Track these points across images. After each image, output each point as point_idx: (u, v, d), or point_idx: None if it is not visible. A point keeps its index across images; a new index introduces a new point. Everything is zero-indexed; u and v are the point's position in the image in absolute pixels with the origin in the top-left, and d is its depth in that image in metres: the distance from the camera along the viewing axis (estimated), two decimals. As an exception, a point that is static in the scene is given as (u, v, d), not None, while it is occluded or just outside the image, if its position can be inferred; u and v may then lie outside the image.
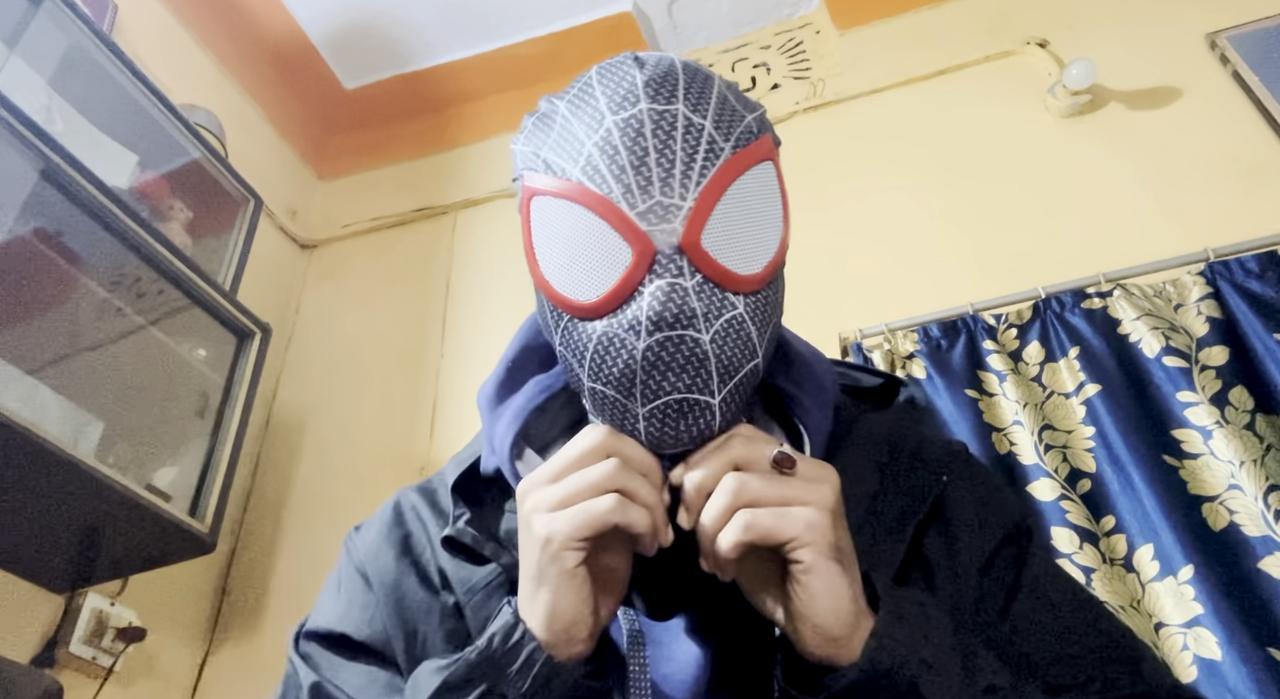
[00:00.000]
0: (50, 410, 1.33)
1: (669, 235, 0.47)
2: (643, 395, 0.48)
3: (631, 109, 0.49)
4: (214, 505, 1.51)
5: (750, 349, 0.49)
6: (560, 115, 0.52)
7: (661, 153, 0.48)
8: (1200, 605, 1.19)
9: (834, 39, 2.26)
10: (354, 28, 2.37)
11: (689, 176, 0.48)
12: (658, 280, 0.47)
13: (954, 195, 1.83)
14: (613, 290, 0.48)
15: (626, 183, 0.48)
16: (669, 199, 0.47)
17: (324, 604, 0.65)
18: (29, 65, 1.49)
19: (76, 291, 1.43)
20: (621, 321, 0.48)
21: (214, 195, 1.88)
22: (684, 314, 0.47)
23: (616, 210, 0.47)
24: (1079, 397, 1.44)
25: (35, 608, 1.43)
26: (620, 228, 0.47)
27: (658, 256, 0.47)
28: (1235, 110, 1.72)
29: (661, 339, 0.47)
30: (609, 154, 0.48)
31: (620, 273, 0.48)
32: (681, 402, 0.48)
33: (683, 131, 0.48)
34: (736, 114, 0.51)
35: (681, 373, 0.47)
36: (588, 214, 0.48)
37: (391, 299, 2.23)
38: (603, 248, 0.48)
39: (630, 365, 0.47)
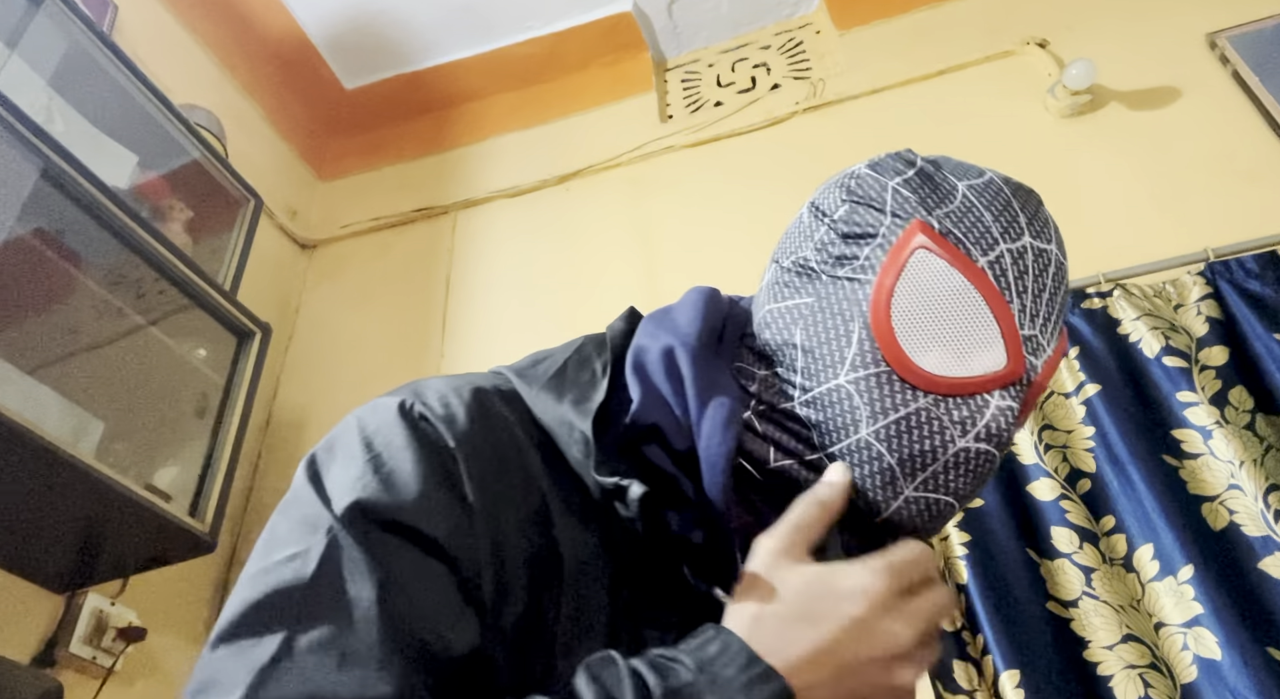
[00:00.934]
0: (50, 410, 1.33)
1: (1033, 370, 0.51)
2: (924, 483, 0.49)
3: (1048, 244, 0.54)
4: (214, 505, 1.51)
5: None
6: (962, 195, 0.54)
7: (1052, 297, 0.52)
8: (1200, 605, 1.19)
9: (834, 39, 2.26)
10: (354, 28, 2.37)
11: (1055, 325, 0.53)
12: (1009, 400, 0.49)
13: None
14: (967, 380, 0.49)
15: (1025, 305, 0.51)
16: (1043, 339, 0.51)
17: (384, 477, 0.48)
18: (29, 65, 1.49)
19: (76, 291, 1.43)
20: (953, 412, 0.49)
21: (214, 195, 1.88)
22: (1007, 438, 0.49)
23: (1010, 321, 0.50)
24: (1079, 396, 1.44)
25: (35, 608, 1.43)
26: (1007, 336, 0.50)
27: (1019, 380, 0.50)
28: (1235, 110, 1.72)
29: (983, 450, 0.49)
30: (1019, 269, 0.51)
31: (985, 372, 0.49)
32: (950, 505, 0.50)
33: (1065, 288, 0.54)
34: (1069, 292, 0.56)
35: (974, 485, 0.50)
36: (982, 303, 0.50)
37: (391, 299, 2.23)
38: (977, 341, 0.50)
39: (937, 453, 0.48)
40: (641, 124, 2.30)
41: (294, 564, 0.47)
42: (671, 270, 1.99)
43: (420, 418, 0.51)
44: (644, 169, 2.21)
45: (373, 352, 2.15)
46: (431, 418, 0.51)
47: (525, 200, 2.28)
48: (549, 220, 2.22)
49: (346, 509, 0.48)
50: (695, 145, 2.19)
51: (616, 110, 2.37)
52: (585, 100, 2.42)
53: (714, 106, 2.29)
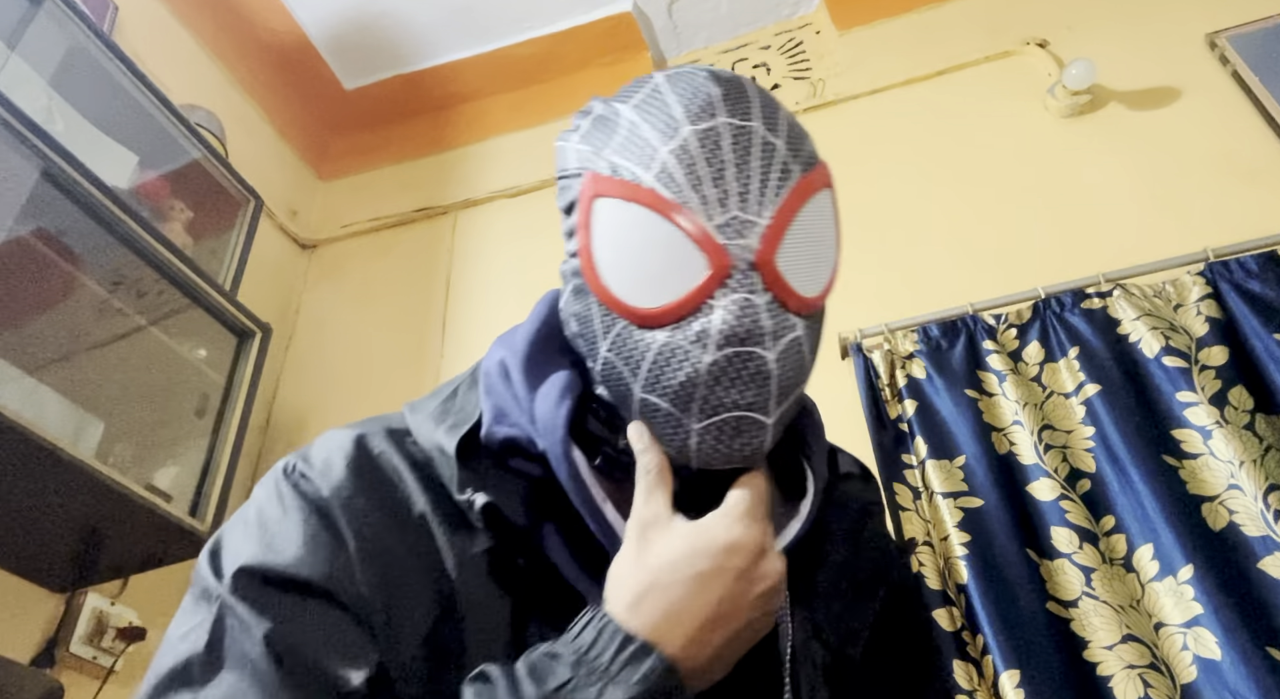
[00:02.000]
0: (50, 410, 1.33)
1: (745, 251, 0.47)
2: (701, 410, 0.47)
3: (710, 121, 0.48)
4: (214, 505, 1.51)
5: (804, 372, 0.51)
6: (625, 119, 0.51)
7: (740, 168, 0.47)
8: (1200, 605, 1.19)
9: (834, 39, 2.26)
10: (354, 28, 2.37)
11: (764, 194, 0.48)
12: (731, 294, 0.46)
13: (954, 195, 1.83)
14: (682, 300, 0.47)
15: (704, 194, 0.47)
16: (746, 214, 0.47)
17: (267, 540, 0.52)
18: (29, 65, 1.49)
19: (77, 291, 1.43)
20: (687, 333, 0.47)
21: (214, 195, 1.88)
22: (755, 331, 0.47)
23: (695, 220, 0.47)
24: (1079, 396, 1.44)
25: (35, 608, 1.43)
26: (697, 238, 0.47)
27: (733, 270, 0.47)
28: (1235, 110, 1.72)
29: (731, 354, 0.46)
30: (686, 163, 0.48)
31: (693, 284, 0.47)
32: (740, 419, 0.47)
33: (760, 149, 0.48)
34: (803, 136, 0.53)
35: (745, 389, 0.47)
36: (661, 221, 0.47)
37: (391, 299, 2.23)
38: (675, 257, 0.47)
39: (693, 378, 0.47)
40: (641, 124, 2.30)
41: (190, 638, 0.49)
42: (671, 270, 1.99)
43: (300, 476, 0.55)
44: (644, 169, 2.20)
45: (373, 352, 2.15)
46: (309, 474, 0.55)
47: (525, 200, 2.28)
48: (549, 220, 2.20)
49: (233, 576, 0.50)
50: (695, 145, 2.19)
51: (616, 110, 2.37)
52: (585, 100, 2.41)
53: (714, 106, 2.29)
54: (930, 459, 1.43)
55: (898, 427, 1.53)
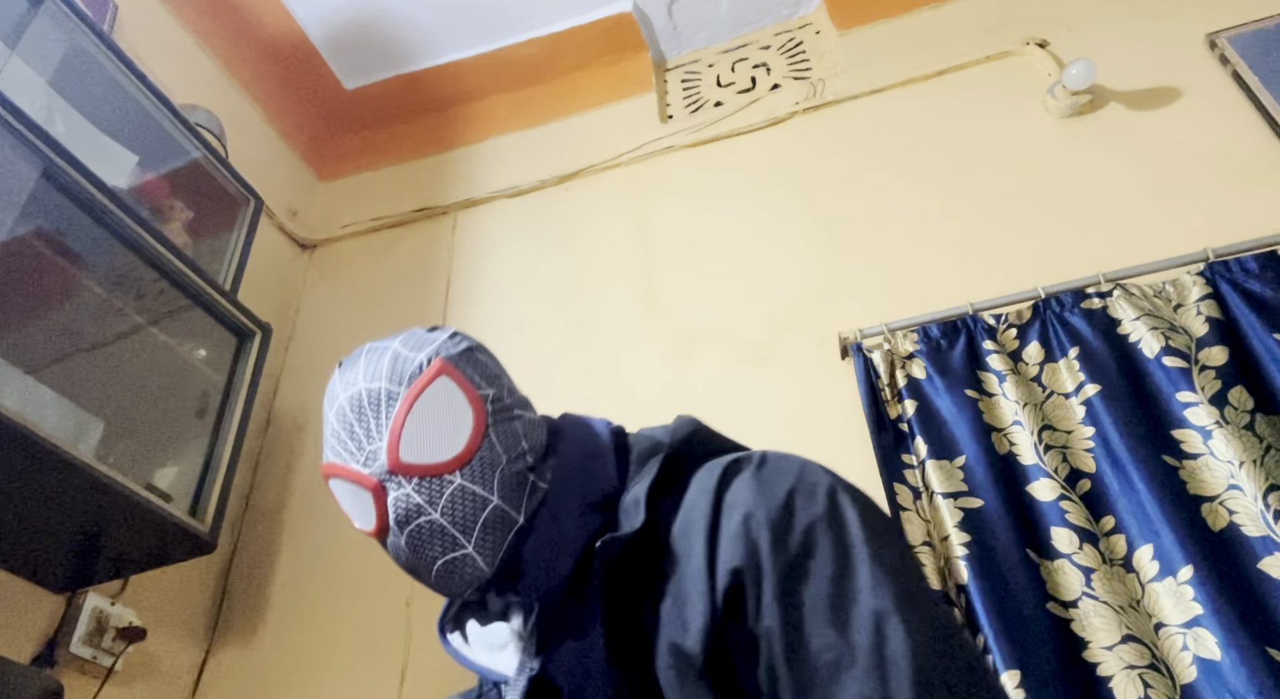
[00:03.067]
0: (50, 410, 1.33)
1: (380, 469, 0.67)
2: (424, 574, 0.68)
3: (335, 404, 0.71)
4: (214, 505, 1.51)
5: (481, 501, 0.67)
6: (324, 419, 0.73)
7: (359, 420, 0.69)
8: (1200, 605, 1.19)
9: (834, 39, 2.26)
10: (354, 28, 2.37)
11: (380, 425, 0.68)
12: (390, 496, 0.67)
13: (954, 195, 1.83)
14: (375, 521, 0.68)
15: (349, 450, 0.69)
16: (373, 445, 0.68)
17: None
18: (29, 66, 1.49)
19: (77, 291, 1.43)
20: (391, 536, 0.68)
21: (214, 195, 1.88)
22: (413, 509, 0.66)
23: (351, 470, 0.69)
24: (1079, 397, 1.44)
25: (35, 608, 1.43)
26: (357, 480, 0.68)
27: (383, 485, 0.67)
28: (1235, 110, 1.72)
29: (410, 532, 0.67)
30: (336, 439, 0.70)
31: (370, 507, 0.68)
32: (446, 563, 0.67)
33: (366, 398, 0.70)
34: (407, 360, 0.71)
35: (434, 545, 0.67)
36: (342, 482, 0.70)
37: (392, 299, 2.23)
38: (358, 498, 0.69)
39: (406, 557, 0.68)
40: (641, 124, 2.30)
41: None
42: (671, 270, 1.99)
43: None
44: (644, 169, 2.21)
45: (373, 352, 2.15)
46: None
47: (525, 200, 2.29)
48: (549, 220, 2.22)
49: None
50: (695, 145, 2.19)
51: (616, 110, 2.37)
52: (585, 100, 2.42)
53: (714, 107, 2.29)
54: (930, 459, 1.43)
55: (898, 427, 1.53)
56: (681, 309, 1.91)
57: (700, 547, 0.62)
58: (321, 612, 1.76)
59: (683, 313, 1.91)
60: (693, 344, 1.85)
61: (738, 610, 0.59)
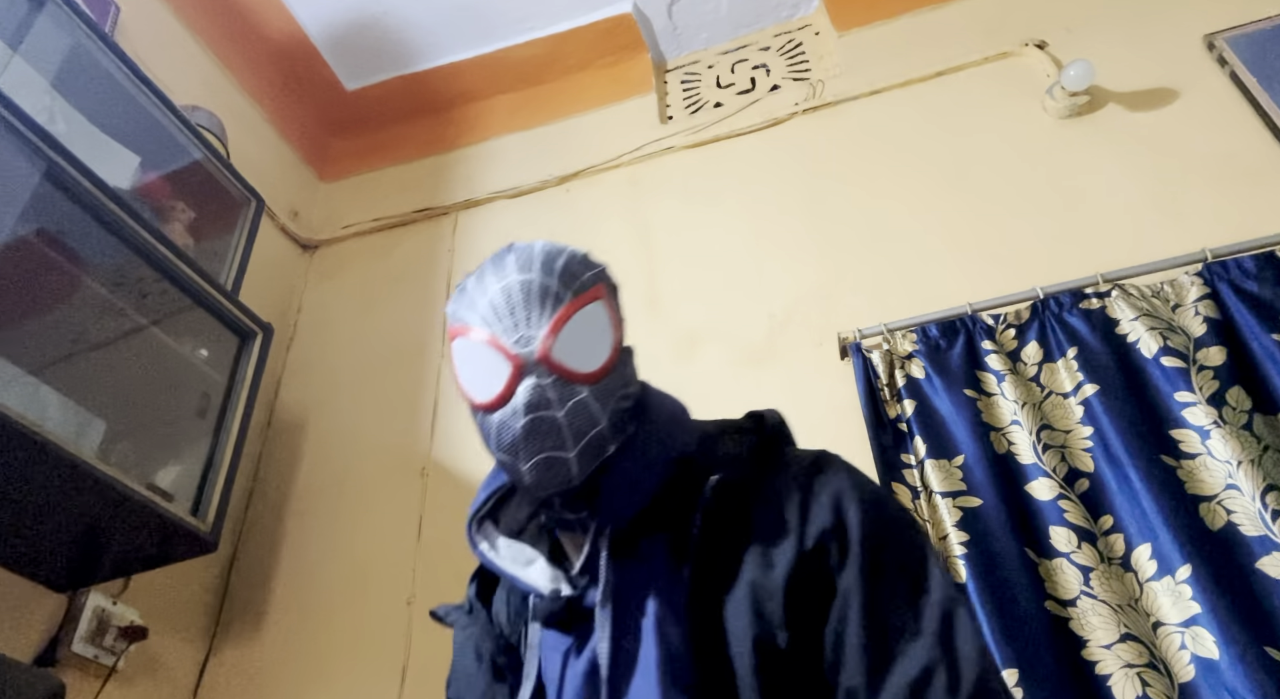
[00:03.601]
0: (52, 410, 1.34)
1: (530, 353, 0.73)
2: (524, 456, 0.73)
3: (506, 279, 0.76)
4: (215, 505, 1.52)
5: (594, 419, 0.74)
6: (469, 287, 0.79)
7: (525, 304, 0.75)
8: (1198, 605, 1.19)
9: (833, 40, 2.27)
10: (355, 29, 2.38)
11: (542, 316, 0.74)
12: (528, 381, 0.73)
13: (952, 196, 1.84)
14: (502, 390, 0.73)
15: (505, 324, 0.74)
16: (529, 331, 0.74)
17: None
18: (31, 67, 1.50)
19: (79, 292, 1.44)
20: (508, 411, 0.73)
21: (216, 196, 1.88)
22: (544, 401, 0.72)
23: (498, 341, 0.74)
24: (1077, 397, 1.44)
25: (37, 607, 1.44)
26: (501, 351, 0.74)
27: (526, 367, 0.73)
28: (1233, 111, 1.72)
29: (531, 418, 0.72)
30: (494, 308, 0.75)
31: (505, 379, 0.73)
32: (548, 458, 0.73)
33: (538, 289, 0.75)
34: (575, 273, 0.77)
35: (546, 439, 0.72)
36: (483, 346, 0.75)
37: (392, 299, 2.24)
38: (493, 366, 0.74)
39: (515, 438, 0.73)
40: (641, 125, 2.30)
41: None
42: (671, 270, 2.00)
43: None
44: (644, 170, 2.21)
45: (373, 352, 2.16)
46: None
47: (526, 201, 2.29)
48: (549, 221, 2.22)
49: None
50: (695, 146, 2.19)
51: (616, 111, 2.38)
52: (585, 101, 2.43)
53: (714, 107, 2.30)
54: (929, 459, 1.44)
55: (896, 426, 1.53)
56: (681, 309, 1.92)
57: (794, 509, 0.74)
58: (322, 611, 1.77)
59: (682, 313, 1.91)
60: (692, 344, 1.85)
61: (820, 562, 0.71)
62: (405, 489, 1.88)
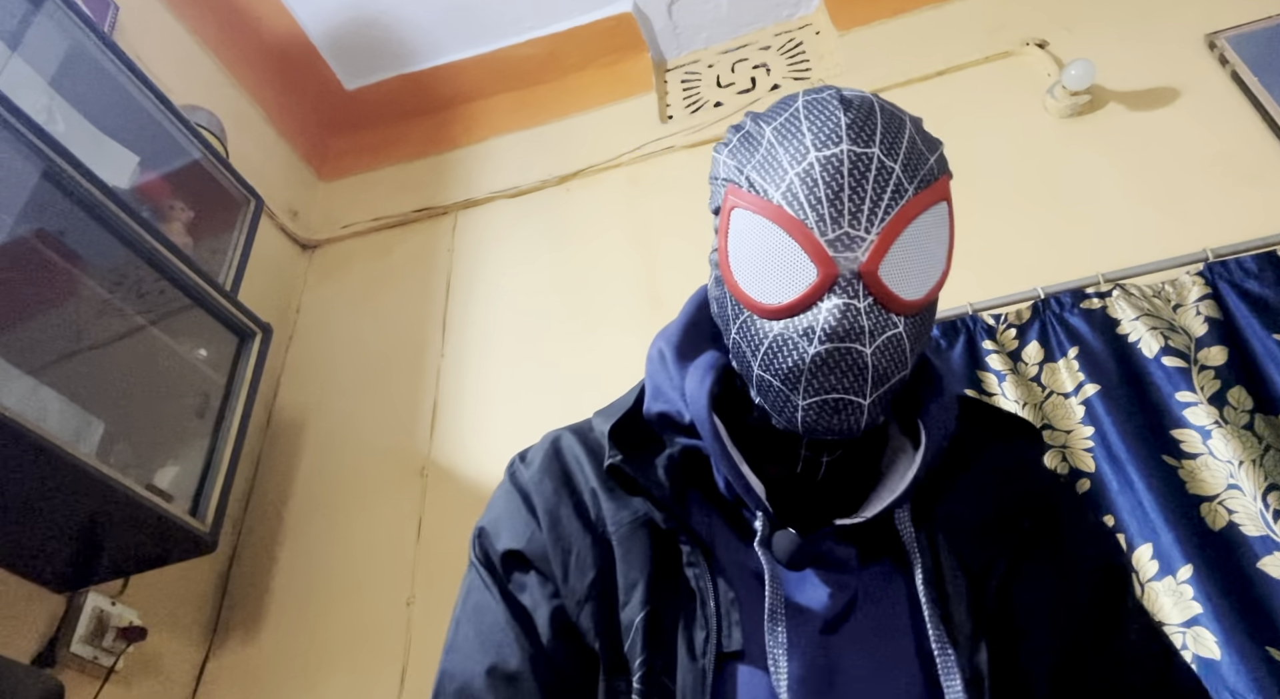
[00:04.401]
0: (51, 410, 1.34)
1: (851, 262, 0.55)
2: (805, 390, 0.56)
3: (834, 148, 0.56)
4: (215, 505, 1.51)
5: (903, 362, 0.57)
6: (766, 140, 0.59)
7: (855, 190, 0.55)
8: (1199, 605, 1.19)
9: (834, 40, 2.27)
10: (354, 28, 2.37)
11: (875, 213, 0.55)
12: (835, 298, 0.54)
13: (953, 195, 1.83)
14: (796, 300, 0.55)
15: (821, 213, 0.55)
16: (855, 231, 0.55)
17: (494, 522, 0.70)
18: (30, 66, 1.49)
19: (78, 291, 1.44)
20: (797, 327, 0.55)
21: (215, 196, 1.88)
22: (854, 330, 0.54)
23: (809, 235, 0.55)
24: (1078, 396, 1.44)
25: (36, 607, 1.43)
26: (810, 250, 0.55)
27: (839, 279, 0.55)
28: (1234, 111, 1.72)
29: (831, 348, 0.54)
30: (809, 185, 0.56)
31: (805, 287, 0.55)
32: (838, 401, 0.55)
33: (875, 173, 0.55)
34: (922, 156, 0.58)
35: (844, 377, 0.55)
36: (783, 234, 0.56)
37: (392, 299, 2.24)
38: (792, 264, 0.56)
39: (799, 364, 0.55)
40: (641, 124, 2.30)
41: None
42: (671, 270, 1.99)
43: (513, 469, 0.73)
44: (644, 169, 2.21)
45: (373, 352, 2.16)
46: (518, 468, 0.72)
47: (525, 200, 2.29)
48: (549, 220, 2.22)
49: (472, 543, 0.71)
50: (695, 145, 2.19)
51: (616, 111, 2.38)
52: (585, 101, 2.43)
53: (714, 107, 2.30)
54: (930, 459, 1.44)
55: (897, 426, 1.53)
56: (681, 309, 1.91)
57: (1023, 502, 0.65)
58: (321, 612, 1.77)
59: (683, 313, 1.90)
60: (693, 344, 1.85)
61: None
62: (405, 489, 1.88)
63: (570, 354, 1.95)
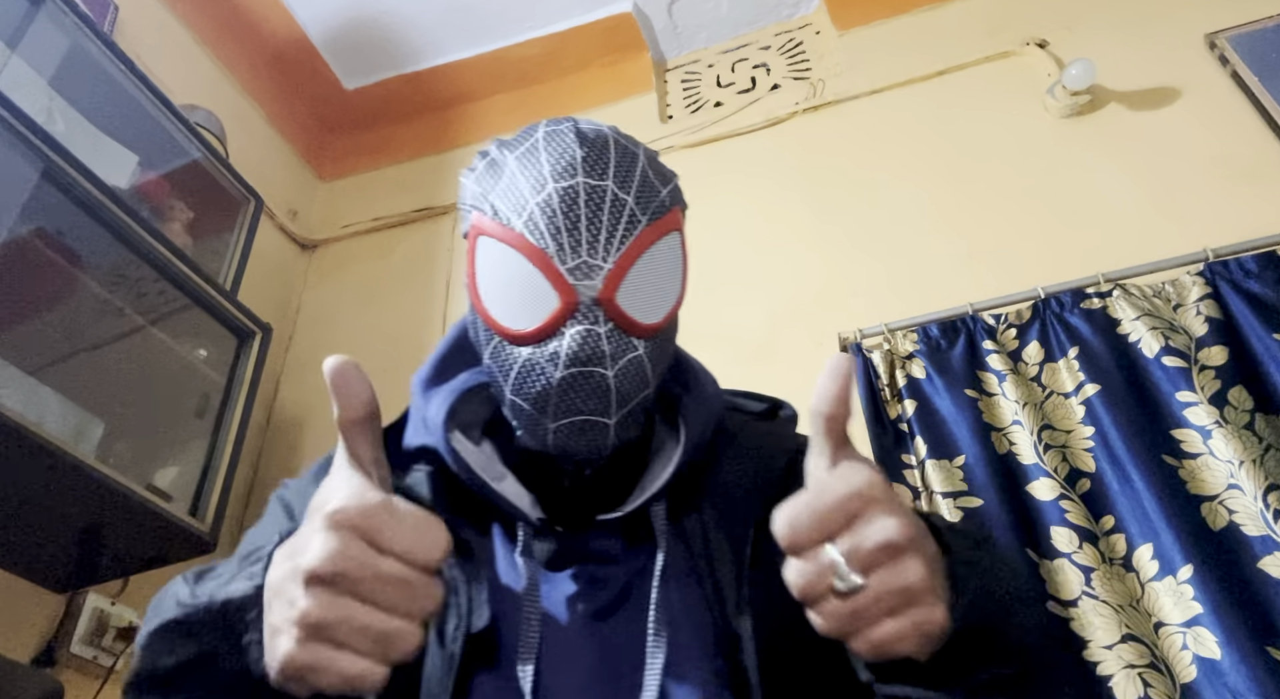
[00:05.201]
0: (51, 410, 1.34)
1: (590, 290, 0.57)
2: (554, 413, 0.58)
3: (570, 180, 0.58)
4: (214, 505, 1.51)
5: (644, 382, 0.60)
6: (509, 168, 0.61)
7: (591, 221, 0.58)
8: (1200, 605, 1.19)
9: (834, 39, 2.27)
10: (354, 28, 2.37)
11: (611, 243, 0.58)
12: (577, 325, 0.57)
13: (953, 195, 1.84)
14: (540, 327, 0.57)
15: (560, 242, 0.57)
16: (593, 260, 0.57)
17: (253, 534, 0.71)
18: (30, 66, 1.49)
19: (77, 291, 1.44)
20: (543, 353, 0.57)
21: (215, 195, 1.88)
22: (596, 354, 0.57)
23: (549, 263, 0.57)
24: (1078, 396, 1.44)
25: (36, 608, 1.43)
26: (551, 278, 0.57)
27: (580, 306, 0.57)
28: (1234, 111, 1.72)
29: (575, 373, 0.57)
30: (548, 215, 0.58)
31: (548, 314, 0.57)
32: (584, 422, 0.58)
33: (610, 205, 0.58)
34: (654, 189, 0.61)
35: (588, 399, 0.57)
36: (525, 262, 0.58)
37: (392, 299, 2.23)
38: (535, 291, 0.58)
39: (547, 389, 0.57)
40: (641, 124, 2.30)
41: None
42: (671, 270, 1.99)
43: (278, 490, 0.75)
44: (644, 169, 2.21)
45: (373, 352, 2.15)
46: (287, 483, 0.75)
47: (525, 200, 2.29)
48: (549, 220, 2.22)
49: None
50: (695, 145, 2.19)
51: (616, 111, 2.38)
52: (585, 101, 2.42)
53: (714, 107, 2.29)
54: (930, 459, 1.44)
55: (897, 427, 1.53)
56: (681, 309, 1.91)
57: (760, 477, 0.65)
58: (322, 611, 1.76)
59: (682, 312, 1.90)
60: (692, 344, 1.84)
61: None
62: (405, 489, 1.88)
63: (570, 354, 1.94)
